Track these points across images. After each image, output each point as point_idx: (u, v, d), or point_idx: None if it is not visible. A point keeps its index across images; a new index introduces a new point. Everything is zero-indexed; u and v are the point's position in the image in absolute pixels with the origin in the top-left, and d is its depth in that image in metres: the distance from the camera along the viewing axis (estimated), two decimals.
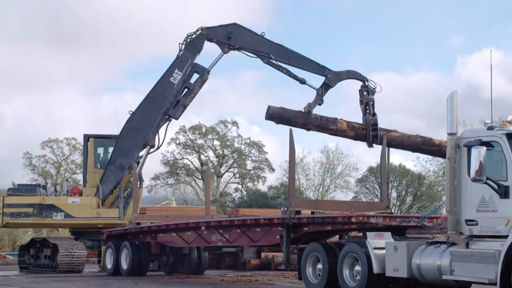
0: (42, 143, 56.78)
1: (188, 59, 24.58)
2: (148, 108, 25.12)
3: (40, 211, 25.59)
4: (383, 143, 17.00)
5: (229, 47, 23.72)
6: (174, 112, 24.91)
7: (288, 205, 15.70)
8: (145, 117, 25.15)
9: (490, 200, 11.54)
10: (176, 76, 24.66)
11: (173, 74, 24.70)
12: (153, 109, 25.04)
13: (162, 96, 24.83)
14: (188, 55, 24.55)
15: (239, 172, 60.81)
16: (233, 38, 23.51)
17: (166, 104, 24.79)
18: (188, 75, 24.67)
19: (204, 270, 23.25)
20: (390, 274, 13.21)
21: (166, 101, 24.80)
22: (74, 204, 25.72)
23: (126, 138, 25.45)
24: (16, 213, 25.73)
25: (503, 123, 11.96)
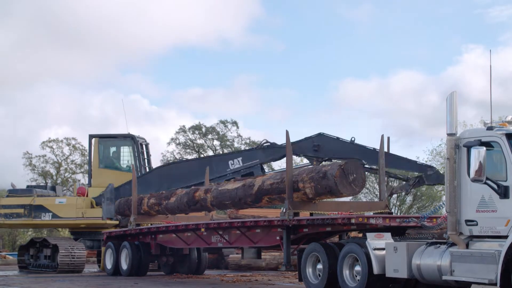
0: (42, 143, 56.83)
1: (257, 158, 23.63)
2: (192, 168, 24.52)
3: (30, 211, 25.96)
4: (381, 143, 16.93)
5: (318, 160, 21.99)
6: None
7: (286, 206, 15.69)
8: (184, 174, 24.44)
9: (490, 200, 11.53)
10: (236, 163, 23.74)
11: (234, 160, 23.83)
12: (196, 173, 23.94)
13: (211, 169, 23.21)
14: (259, 155, 23.62)
15: None
16: (321, 150, 21.84)
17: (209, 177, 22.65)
18: (246, 171, 23.49)
19: (204, 270, 23.28)
20: (390, 274, 13.20)
21: (212, 175, 23.01)
22: (60, 204, 25.98)
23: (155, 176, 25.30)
24: (9, 214, 26.36)
25: (503, 123, 11.95)
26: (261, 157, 23.53)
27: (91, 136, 27.83)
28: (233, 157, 24.02)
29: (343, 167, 14.80)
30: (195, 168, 24.25)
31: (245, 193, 17.47)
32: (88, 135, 27.99)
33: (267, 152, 23.48)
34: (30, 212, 26.16)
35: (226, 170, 23.61)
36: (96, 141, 27.32)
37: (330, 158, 21.72)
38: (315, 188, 15.23)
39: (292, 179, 15.77)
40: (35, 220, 26.28)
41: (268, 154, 23.50)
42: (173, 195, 21.27)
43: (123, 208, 24.52)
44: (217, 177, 23.36)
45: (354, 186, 14.87)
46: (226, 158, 24.30)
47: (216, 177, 23.32)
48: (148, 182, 24.93)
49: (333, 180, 14.70)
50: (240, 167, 23.50)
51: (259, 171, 23.37)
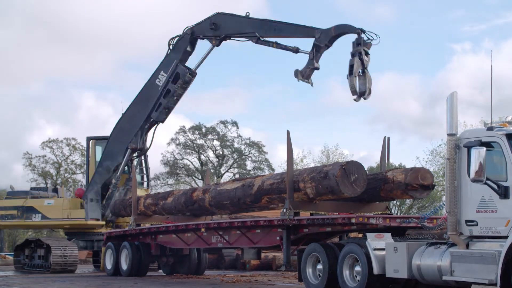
0: (42, 143, 56.88)
1: (173, 59, 24.29)
2: (134, 111, 25.10)
3: (22, 213, 26.35)
4: (383, 144, 16.93)
5: (217, 38, 23.16)
6: (156, 115, 24.72)
7: (287, 206, 15.68)
8: (132, 120, 25.16)
9: (490, 201, 11.52)
10: (161, 78, 24.41)
11: (158, 76, 24.49)
12: (139, 111, 24.94)
13: (147, 99, 24.70)
14: (173, 55, 24.30)
15: (239, 172, 60.79)
16: (219, 28, 22.91)
17: (150, 106, 24.59)
18: (173, 77, 24.31)
19: (204, 270, 23.28)
20: (390, 275, 13.20)
21: (151, 103, 24.56)
22: (48, 205, 26.23)
23: (114, 140, 25.68)
24: (5, 215, 26.97)
25: (503, 123, 11.94)
26: (175, 56, 24.23)
27: (88, 138, 27.99)
28: (156, 74, 24.51)
29: (344, 167, 14.80)
30: (137, 108, 24.95)
31: (244, 193, 17.47)
32: (86, 137, 28.13)
33: (176, 49, 24.24)
34: (22, 213, 26.57)
35: (159, 90, 24.41)
36: (93, 143, 27.47)
37: (227, 36, 23.01)
38: (316, 188, 15.23)
39: (293, 179, 15.76)
40: (26, 221, 26.82)
41: (178, 50, 24.21)
42: (170, 195, 21.29)
43: (119, 208, 24.57)
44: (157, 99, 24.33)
45: (355, 186, 14.87)
46: (152, 80, 24.59)
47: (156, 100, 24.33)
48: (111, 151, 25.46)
49: (334, 180, 14.70)
50: (167, 78, 24.26)
51: (182, 67, 24.19)
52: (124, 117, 25.42)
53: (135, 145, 25.29)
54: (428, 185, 14.86)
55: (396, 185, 15.03)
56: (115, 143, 25.60)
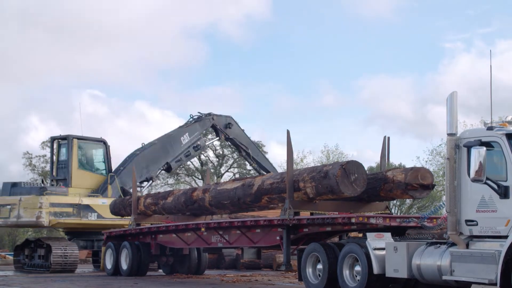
0: (42, 143, 56.79)
1: (197, 131, 30.00)
2: (156, 152, 28.86)
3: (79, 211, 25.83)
4: (383, 144, 16.92)
5: (225, 136, 30.40)
6: (174, 166, 29.85)
7: (287, 206, 15.68)
8: (151, 158, 28.75)
9: (490, 201, 11.52)
10: (185, 138, 29.47)
11: (183, 135, 29.50)
12: (160, 155, 28.99)
13: (170, 148, 29.19)
14: (198, 128, 30.09)
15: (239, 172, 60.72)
16: (230, 129, 30.28)
17: (171, 156, 29.12)
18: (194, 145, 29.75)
19: (204, 270, 23.29)
20: (390, 274, 13.20)
21: (172, 153, 29.14)
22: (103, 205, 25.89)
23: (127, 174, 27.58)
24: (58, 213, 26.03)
25: (503, 123, 11.94)
26: (199, 129, 30.28)
27: (70, 136, 27.70)
28: (181, 133, 29.63)
29: (344, 167, 14.80)
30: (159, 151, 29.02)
31: (244, 192, 17.46)
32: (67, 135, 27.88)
33: (201, 124, 30.21)
34: (79, 211, 25.75)
35: (181, 147, 29.42)
36: (75, 142, 27.32)
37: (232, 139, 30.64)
38: (316, 188, 15.23)
39: (293, 179, 15.77)
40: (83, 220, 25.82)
41: (202, 126, 30.37)
42: (170, 194, 21.28)
43: (118, 208, 24.55)
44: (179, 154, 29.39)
45: (355, 186, 14.86)
46: (177, 136, 29.43)
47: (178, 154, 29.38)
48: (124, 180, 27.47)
49: (334, 180, 14.70)
50: (189, 142, 29.57)
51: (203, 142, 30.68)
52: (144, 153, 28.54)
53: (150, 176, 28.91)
54: (428, 184, 14.85)
55: (396, 184, 15.02)
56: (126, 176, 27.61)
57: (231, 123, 30.38)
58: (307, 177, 15.49)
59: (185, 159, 30.37)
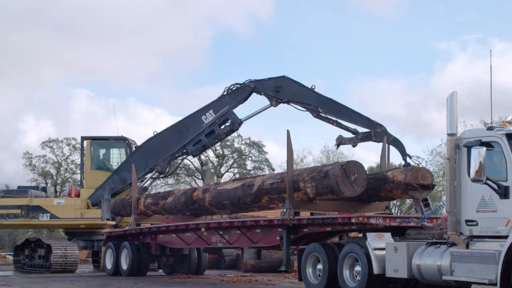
0: (42, 143, 56.85)
1: (226, 104, 24.19)
2: (170, 136, 25.08)
3: (28, 212, 26.25)
4: (383, 144, 16.97)
5: (277, 100, 23.30)
6: (192, 149, 24.79)
7: (287, 206, 15.68)
8: (164, 144, 25.13)
9: (490, 201, 11.52)
10: (208, 116, 24.32)
11: (206, 114, 24.38)
12: (174, 138, 24.93)
13: (187, 130, 24.68)
14: (227, 101, 24.18)
15: (239, 172, 60.77)
16: (282, 92, 23.09)
17: (188, 139, 24.63)
18: (220, 120, 24.28)
19: (204, 270, 23.29)
20: (390, 274, 13.20)
21: (190, 136, 24.62)
22: (59, 205, 26.16)
23: (139, 156, 25.67)
24: (5, 215, 26.61)
25: (503, 123, 11.93)
26: (230, 102, 24.04)
27: (83, 138, 28.06)
28: (204, 111, 24.32)
29: (344, 167, 14.80)
30: (174, 135, 24.92)
31: (245, 193, 17.46)
32: (80, 137, 28.17)
33: (233, 95, 23.97)
34: (27, 212, 26.41)
35: (202, 126, 24.30)
36: (88, 143, 27.56)
37: (289, 101, 23.09)
38: (316, 188, 15.23)
39: (293, 179, 15.77)
40: (33, 220, 26.53)
41: (235, 97, 23.98)
42: (170, 194, 21.28)
43: (119, 208, 24.57)
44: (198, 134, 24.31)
45: (355, 186, 14.86)
46: (198, 115, 24.47)
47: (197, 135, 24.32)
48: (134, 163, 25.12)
49: (334, 180, 14.70)
50: (214, 118, 24.13)
51: (234, 116, 24.03)
52: (157, 138, 25.40)
53: (161, 168, 25.38)
54: (428, 184, 14.86)
55: (396, 184, 15.03)
56: (140, 159, 25.53)
57: (281, 85, 23.17)
58: (307, 177, 15.49)
59: (208, 141, 24.60)
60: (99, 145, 27.97)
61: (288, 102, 23.24)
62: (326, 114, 22.21)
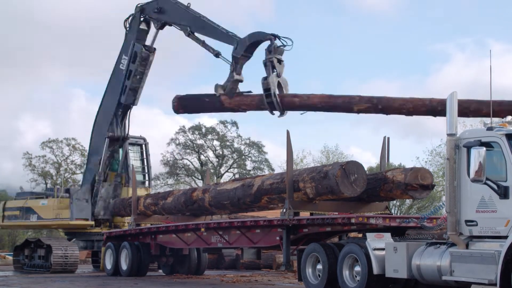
0: (42, 143, 56.90)
1: (130, 40, 24.40)
2: (107, 100, 25.31)
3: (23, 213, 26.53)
4: (383, 144, 16.95)
5: (159, 22, 23.50)
6: (125, 98, 24.75)
7: (286, 206, 15.68)
8: (106, 110, 25.30)
9: (489, 201, 11.52)
10: (124, 62, 24.55)
11: (121, 61, 24.67)
12: (110, 99, 25.17)
13: (115, 85, 24.85)
14: (130, 36, 24.42)
15: (239, 172, 60.80)
16: (163, 12, 23.24)
17: (119, 92, 24.74)
18: (132, 57, 24.38)
19: (204, 270, 23.28)
20: (390, 274, 13.20)
21: (119, 89, 24.71)
22: (43, 206, 26.38)
23: (95, 135, 25.84)
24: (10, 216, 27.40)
25: (503, 123, 11.94)
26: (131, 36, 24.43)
27: None
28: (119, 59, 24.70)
29: (344, 167, 14.81)
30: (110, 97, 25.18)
31: (244, 193, 17.46)
32: None
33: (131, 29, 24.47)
34: (23, 214, 26.69)
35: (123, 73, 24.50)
36: None
37: (169, 23, 23.17)
38: (316, 188, 15.23)
39: (293, 179, 15.77)
40: (24, 221, 27.06)
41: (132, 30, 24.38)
42: (170, 195, 21.29)
43: (118, 208, 24.60)
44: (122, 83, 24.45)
45: (355, 186, 14.87)
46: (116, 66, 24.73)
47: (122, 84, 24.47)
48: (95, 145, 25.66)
49: (334, 180, 14.70)
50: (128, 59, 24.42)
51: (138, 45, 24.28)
52: (100, 110, 25.64)
53: (112, 133, 25.32)
54: (427, 185, 14.86)
55: (395, 185, 15.03)
56: (97, 136, 25.78)
57: (161, 7, 23.24)
58: (307, 177, 15.49)
59: (131, 82, 24.44)
60: None
61: (170, 24, 23.30)
62: (194, 32, 21.94)
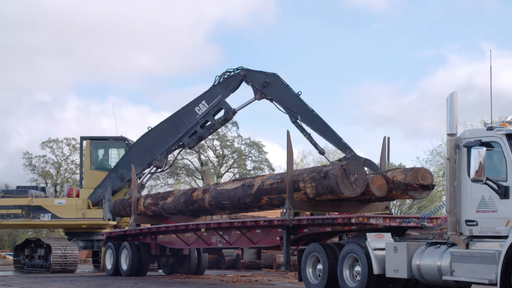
0: (42, 143, 56.84)
1: (218, 94, 24.56)
2: (164, 130, 25.35)
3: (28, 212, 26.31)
4: (383, 144, 16.97)
5: (262, 95, 23.74)
6: (188, 141, 25.15)
7: (287, 206, 15.68)
8: (159, 138, 25.41)
9: (490, 201, 11.52)
10: (202, 107, 24.67)
11: (199, 105, 24.75)
12: (169, 132, 25.22)
13: (181, 123, 25.00)
14: (219, 90, 24.55)
15: (239, 172, 60.76)
16: (268, 88, 23.50)
17: (183, 131, 24.94)
18: (214, 110, 24.69)
19: (204, 270, 23.29)
20: (390, 274, 13.20)
21: (185, 128, 24.92)
22: (60, 205, 26.20)
23: (135, 152, 25.90)
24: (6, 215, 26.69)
25: (503, 123, 11.93)
26: (222, 91, 24.53)
27: (82, 138, 28.21)
28: (197, 102, 24.75)
29: (344, 167, 14.81)
30: (168, 129, 25.26)
31: (244, 193, 17.46)
32: (79, 137, 28.27)
33: (225, 84, 24.49)
34: (28, 212, 26.45)
35: (196, 117, 24.75)
36: (87, 143, 27.67)
37: (272, 99, 23.61)
38: (316, 188, 15.23)
39: (293, 179, 15.76)
40: (34, 220, 26.55)
41: (226, 86, 24.49)
42: (170, 195, 21.28)
43: (118, 208, 24.59)
44: (193, 126, 24.79)
45: (355, 186, 14.87)
46: (191, 106, 24.82)
47: (192, 127, 24.80)
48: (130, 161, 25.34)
49: (334, 180, 14.70)
50: (207, 109, 24.61)
51: (227, 105, 24.59)
52: (152, 133, 25.65)
53: (159, 163, 25.59)
54: (428, 185, 14.85)
55: (396, 185, 15.02)
56: (135, 155, 25.81)
57: (270, 82, 23.51)
58: (307, 177, 15.49)
59: (203, 132, 24.93)
60: (98, 145, 28.05)
61: (271, 100, 23.65)
62: (302, 123, 22.67)
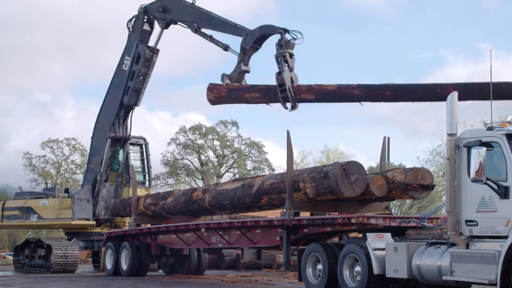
0: (42, 143, 56.88)
1: (133, 41, 24.44)
2: (109, 101, 25.36)
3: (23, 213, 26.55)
4: (383, 144, 16.95)
5: (164, 21, 23.49)
6: (127, 99, 24.78)
7: (286, 206, 15.67)
8: (109, 110, 25.35)
9: (490, 201, 11.51)
10: (126, 62, 24.60)
11: (124, 61, 24.73)
12: (112, 100, 25.16)
13: (118, 86, 24.88)
14: (133, 37, 24.49)
15: (239, 172, 60.78)
16: (167, 11, 23.21)
17: (121, 93, 24.76)
18: (135, 58, 24.46)
19: (204, 270, 23.28)
20: (390, 274, 13.20)
21: (122, 89, 24.73)
22: (43, 206, 26.36)
23: (97, 135, 25.88)
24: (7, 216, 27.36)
25: (503, 123, 11.93)
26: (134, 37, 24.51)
27: None
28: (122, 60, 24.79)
29: (344, 167, 14.81)
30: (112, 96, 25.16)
31: (244, 193, 17.46)
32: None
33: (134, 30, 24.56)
34: (23, 214, 26.70)
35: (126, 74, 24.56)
36: None
37: (174, 21, 23.14)
38: (316, 188, 15.23)
39: (293, 179, 15.76)
40: (24, 221, 27.05)
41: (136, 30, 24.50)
42: (170, 195, 21.28)
43: (118, 208, 24.59)
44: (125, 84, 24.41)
45: (355, 186, 14.87)
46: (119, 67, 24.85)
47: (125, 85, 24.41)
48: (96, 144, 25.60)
49: (334, 180, 14.70)
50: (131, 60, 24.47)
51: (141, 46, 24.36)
52: (102, 110, 25.72)
53: (114, 134, 25.39)
54: (428, 185, 14.86)
55: (396, 185, 15.03)
56: (98, 137, 25.83)
57: (165, 5, 23.27)
58: (307, 178, 15.49)
59: (137, 82, 24.52)
60: None
61: (175, 22, 23.27)
62: (201, 28, 21.82)
